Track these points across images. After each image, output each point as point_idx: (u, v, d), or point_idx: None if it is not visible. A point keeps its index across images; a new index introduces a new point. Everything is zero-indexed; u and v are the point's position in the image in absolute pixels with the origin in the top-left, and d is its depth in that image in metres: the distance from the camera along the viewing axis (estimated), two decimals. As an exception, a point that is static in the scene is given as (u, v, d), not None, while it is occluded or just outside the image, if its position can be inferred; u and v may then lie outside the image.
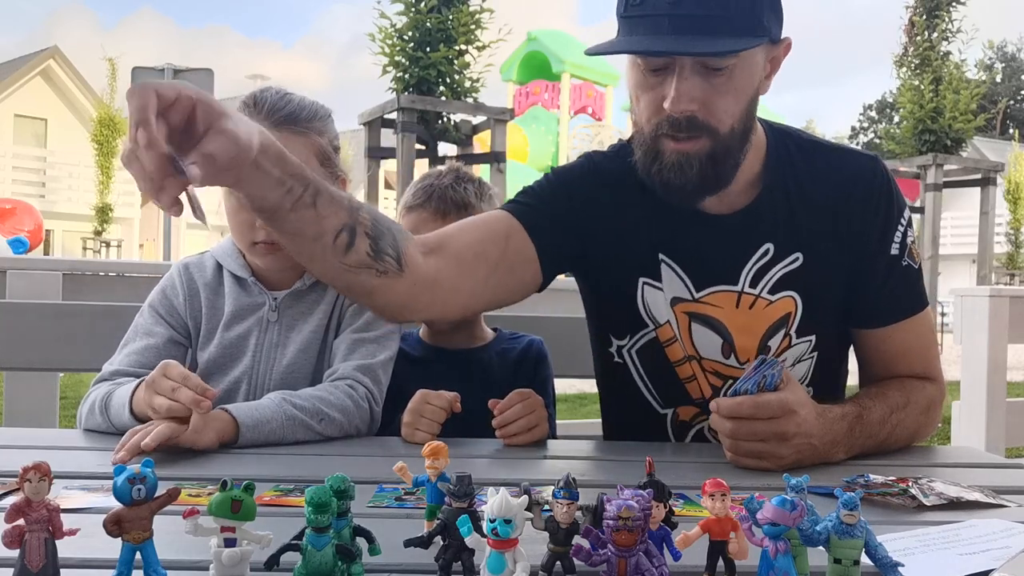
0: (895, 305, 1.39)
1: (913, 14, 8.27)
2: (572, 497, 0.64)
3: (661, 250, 1.37)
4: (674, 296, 1.37)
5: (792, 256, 1.35)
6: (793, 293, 1.35)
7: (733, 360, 1.37)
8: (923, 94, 8.00)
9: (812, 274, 1.35)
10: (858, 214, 1.35)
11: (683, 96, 1.21)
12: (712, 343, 1.37)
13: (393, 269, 1.20)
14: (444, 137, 5.96)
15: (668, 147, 1.26)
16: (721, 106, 1.23)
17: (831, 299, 1.37)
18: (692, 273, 1.36)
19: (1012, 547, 0.82)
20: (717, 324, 1.36)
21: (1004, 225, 19.30)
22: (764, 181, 1.36)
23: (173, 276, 1.55)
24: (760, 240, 1.35)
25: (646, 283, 1.39)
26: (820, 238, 1.35)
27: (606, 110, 14.53)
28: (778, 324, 1.36)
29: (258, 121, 1.38)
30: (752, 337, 1.36)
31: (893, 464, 1.24)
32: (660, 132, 1.26)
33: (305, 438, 1.32)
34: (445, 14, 5.86)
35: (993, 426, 3.44)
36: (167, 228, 7.46)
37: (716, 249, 1.35)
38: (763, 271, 1.35)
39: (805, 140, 1.42)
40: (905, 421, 1.33)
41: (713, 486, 0.67)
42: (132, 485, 0.63)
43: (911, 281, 1.39)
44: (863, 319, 1.41)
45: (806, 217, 1.35)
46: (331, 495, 0.63)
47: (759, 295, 1.35)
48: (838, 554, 0.65)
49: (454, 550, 0.68)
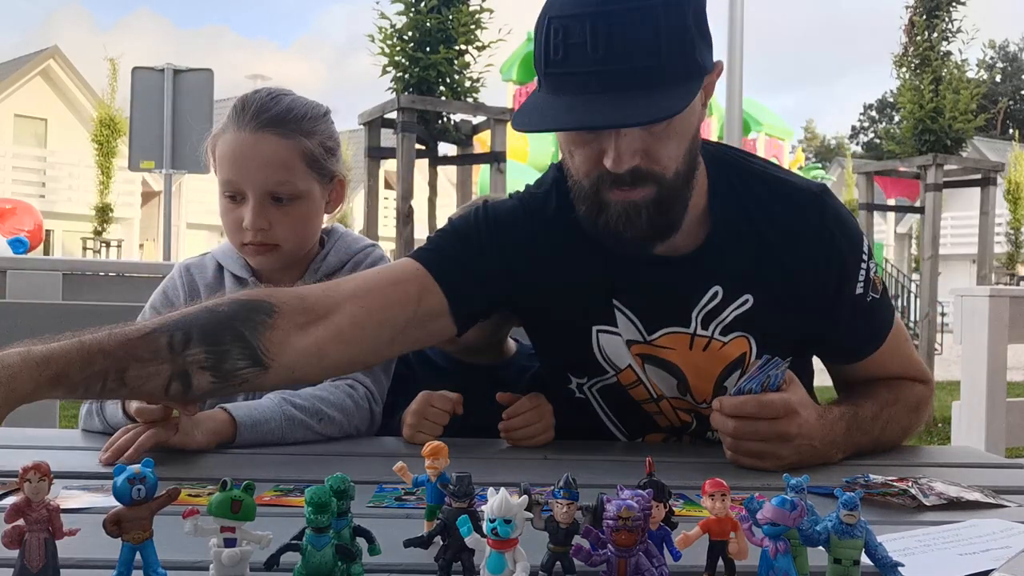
0: (865, 342, 1.36)
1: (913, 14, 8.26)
2: (572, 497, 0.64)
3: (614, 296, 1.31)
4: (628, 338, 1.32)
5: (742, 298, 1.28)
6: (746, 334, 1.30)
7: (690, 398, 1.34)
8: (923, 94, 7.99)
9: (763, 315, 1.29)
10: (808, 256, 1.28)
11: (624, 154, 1.13)
12: (668, 383, 1.34)
13: (251, 375, 1.16)
14: (444, 137, 5.96)
15: (613, 197, 1.18)
16: (664, 153, 1.16)
17: (786, 337, 1.32)
18: (642, 316, 1.31)
19: (1012, 547, 0.82)
20: (670, 366, 1.32)
21: (1004, 225, 19.30)
22: (711, 220, 1.29)
23: (174, 277, 1.55)
24: (708, 283, 1.28)
25: (600, 330, 1.33)
26: (770, 277, 1.28)
27: (606, 110, 14.51)
28: (733, 365, 1.31)
29: (242, 124, 1.42)
30: (706, 379, 1.32)
31: (893, 464, 1.24)
32: (602, 185, 1.18)
33: (305, 438, 1.32)
34: (445, 14, 5.85)
35: (993, 426, 3.44)
36: (167, 228, 7.45)
37: (665, 291, 1.29)
38: (713, 313, 1.29)
39: (745, 170, 1.32)
40: (896, 417, 1.34)
41: (713, 486, 0.67)
42: (132, 485, 0.63)
43: (878, 313, 1.35)
44: (832, 357, 1.40)
45: (754, 257, 1.28)
46: (331, 495, 0.63)
47: (712, 337, 1.30)
48: (838, 554, 0.65)
49: (454, 550, 0.68)
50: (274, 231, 1.44)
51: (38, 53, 22.10)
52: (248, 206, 1.43)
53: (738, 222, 1.29)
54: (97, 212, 18.96)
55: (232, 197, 1.45)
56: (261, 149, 1.42)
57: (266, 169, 1.43)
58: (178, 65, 6.92)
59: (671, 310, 1.30)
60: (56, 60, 21.83)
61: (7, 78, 21.16)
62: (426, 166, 6.20)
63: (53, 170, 21.50)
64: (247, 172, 1.43)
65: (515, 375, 1.58)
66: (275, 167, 1.43)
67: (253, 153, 1.43)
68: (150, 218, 21.79)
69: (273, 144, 1.43)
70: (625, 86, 1.09)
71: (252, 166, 1.43)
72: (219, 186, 1.47)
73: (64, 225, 21.19)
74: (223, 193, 1.46)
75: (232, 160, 1.44)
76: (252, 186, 1.43)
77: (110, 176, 18.88)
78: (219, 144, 1.46)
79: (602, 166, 1.16)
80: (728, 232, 1.29)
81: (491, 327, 1.44)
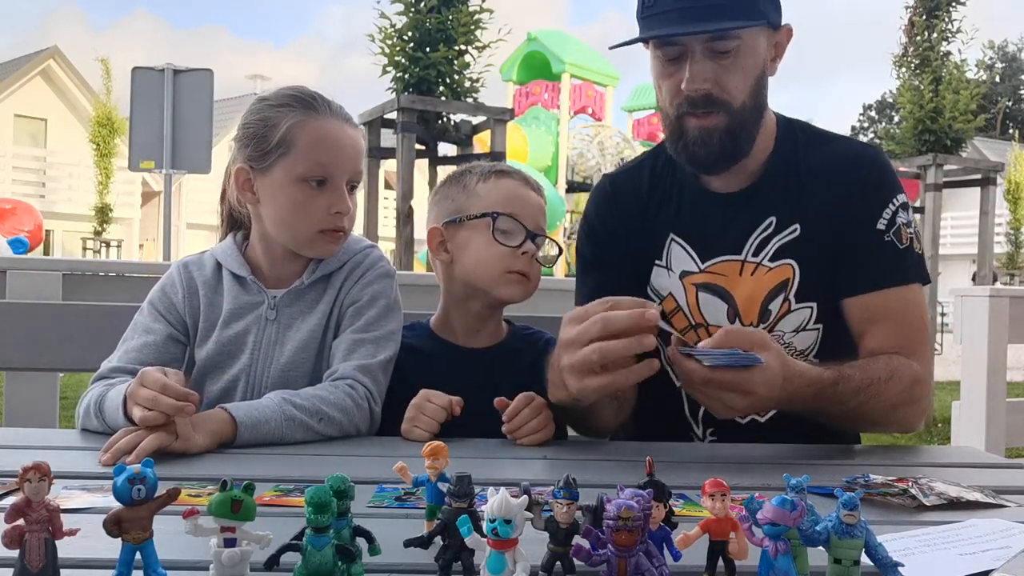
0: (874, 274, 1.44)
1: (913, 14, 8.27)
2: (572, 497, 0.64)
3: (672, 230, 1.53)
4: (683, 270, 1.51)
5: (791, 227, 1.47)
6: (791, 261, 1.46)
7: (737, 325, 1.46)
8: (923, 94, 8.00)
9: (808, 244, 1.45)
10: (853, 193, 1.45)
11: (697, 76, 1.39)
12: (718, 309, 1.48)
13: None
14: (444, 137, 5.96)
15: (691, 124, 1.42)
16: (731, 83, 1.40)
17: (825, 268, 1.45)
18: (698, 247, 1.51)
19: (1012, 547, 0.82)
20: (722, 291, 1.48)
21: (1004, 225, 19.30)
22: (770, 162, 1.50)
23: (173, 274, 1.55)
24: (764, 214, 1.48)
25: (657, 265, 1.54)
26: (817, 211, 1.46)
27: (606, 110, 14.51)
28: (777, 289, 1.46)
29: (326, 114, 1.47)
30: (754, 301, 1.47)
31: (893, 464, 1.24)
32: (682, 112, 1.42)
33: (304, 438, 1.32)
34: (445, 14, 5.86)
35: (993, 426, 3.44)
36: (167, 228, 7.45)
37: (723, 224, 1.49)
38: (765, 242, 1.47)
39: (812, 131, 1.56)
40: (884, 394, 1.34)
41: (713, 486, 0.67)
42: (132, 485, 0.63)
43: (893, 255, 1.45)
44: (844, 286, 1.46)
45: (805, 192, 1.47)
46: (331, 495, 0.63)
47: (760, 263, 1.47)
48: (838, 554, 0.65)
49: (454, 550, 0.68)
50: (350, 217, 1.50)
51: (38, 53, 22.10)
52: (335, 192, 1.46)
53: (794, 164, 1.50)
54: (97, 212, 18.97)
55: (319, 183, 1.44)
56: (352, 137, 1.50)
57: (356, 157, 1.50)
58: (178, 65, 6.91)
59: (727, 239, 1.49)
60: (56, 60, 21.84)
61: (7, 78, 21.17)
62: (426, 166, 6.21)
63: (53, 170, 21.50)
64: (341, 157, 1.46)
65: (507, 356, 1.57)
66: (360, 156, 1.52)
67: (348, 140, 1.48)
68: (150, 218, 21.78)
69: (354, 133, 1.51)
70: (698, 17, 1.36)
71: (346, 153, 1.47)
72: (300, 172, 1.43)
73: (64, 225, 21.19)
74: (307, 179, 1.44)
75: (328, 145, 1.45)
76: (342, 172, 1.46)
77: (109, 176, 18.89)
78: (306, 131, 1.44)
79: (682, 93, 1.41)
80: (784, 171, 1.50)
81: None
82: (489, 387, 1.38)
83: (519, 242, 1.51)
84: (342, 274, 1.52)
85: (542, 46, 13.89)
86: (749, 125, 1.45)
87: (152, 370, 1.23)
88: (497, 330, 1.61)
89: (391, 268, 1.58)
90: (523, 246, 1.51)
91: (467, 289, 1.55)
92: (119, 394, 1.29)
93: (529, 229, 1.52)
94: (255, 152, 1.46)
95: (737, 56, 1.39)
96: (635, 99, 16.17)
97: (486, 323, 1.58)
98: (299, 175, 1.44)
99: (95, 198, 19.08)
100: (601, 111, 14.49)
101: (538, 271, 1.55)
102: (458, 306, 1.58)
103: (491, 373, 1.51)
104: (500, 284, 1.51)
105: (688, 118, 1.42)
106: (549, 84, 13.99)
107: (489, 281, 1.52)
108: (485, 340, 1.59)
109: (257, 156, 1.46)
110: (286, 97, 1.47)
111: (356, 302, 1.50)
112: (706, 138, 1.42)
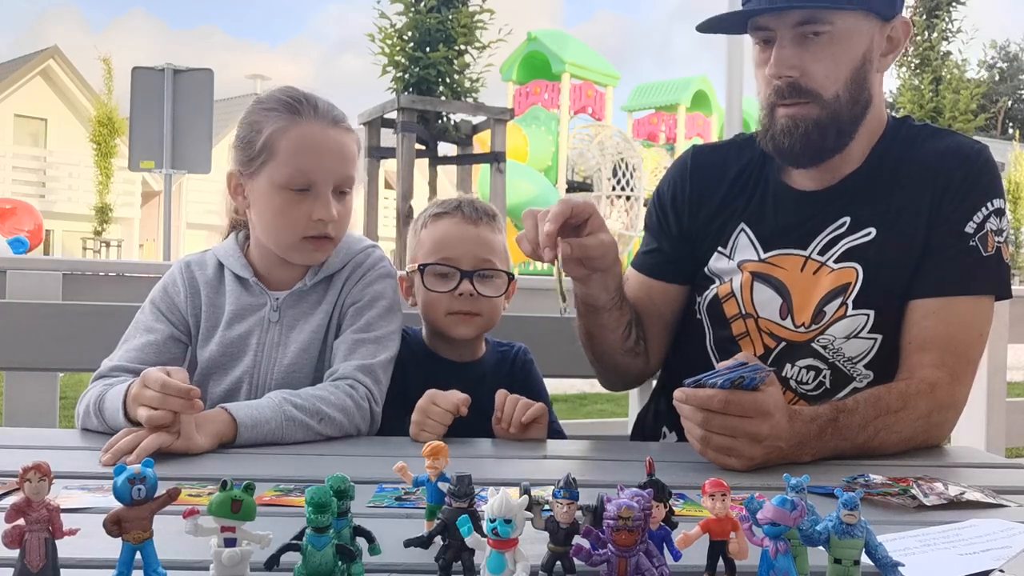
0: (942, 279, 1.36)
1: (913, 14, 8.28)
2: (572, 497, 0.64)
3: (744, 220, 1.49)
4: (742, 259, 1.48)
5: (866, 231, 1.40)
6: (856, 264, 1.39)
7: (789, 322, 1.42)
8: (923, 94, 8.02)
9: (882, 248, 1.39)
10: (950, 187, 1.38)
11: (782, 62, 1.35)
12: (771, 302, 1.43)
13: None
14: (444, 137, 5.97)
15: (779, 113, 1.39)
16: (820, 71, 1.34)
17: (899, 275, 1.38)
18: (763, 238, 1.47)
19: (1012, 547, 0.82)
20: (778, 284, 1.43)
21: (1004, 225, 19.29)
22: (864, 163, 1.44)
23: (175, 273, 1.54)
24: (840, 213, 1.42)
25: (719, 251, 1.51)
26: (904, 211, 1.39)
27: (606, 110, 14.52)
28: (836, 291, 1.40)
29: (312, 118, 1.44)
30: (810, 301, 1.41)
31: (893, 464, 1.24)
32: (772, 101, 1.39)
33: (305, 438, 1.32)
34: (445, 14, 5.86)
35: (993, 426, 3.44)
36: (167, 228, 7.45)
37: (795, 219, 1.45)
38: (834, 241, 1.41)
39: (921, 125, 1.50)
40: (895, 426, 1.29)
41: (713, 486, 0.67)
42: (132, 485, 0.63)
43: (971, 262, 1.36)
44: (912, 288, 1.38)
45: (892, 194, 1.41)
46: (331, 495, 0.63)
47: (824, 263, 1.41)
48: (838, 554, 0.65)
49: (454, 550, 0.68)
50: (338, 223, 1.46)
51: (38, 53, 22.11)
52: (319, 199, 1.43)
53: (890, 162, 1.43)
54: (97, 212, 18.97)
55: (302, 190, 1.43)
56: (338, 141, 1.45)
57: (342, 162, 1.46)
58: (178, 65, 6.92)
59: (795, 234, 1.44)
60: (56, 60, 21.84)
61: (7, 78, 21.18)
62: (426, 166, 6.21)
63: (53, 170, 21.51)
64: (324, 163, 1.43)
65: (488, 370, 1.59)
66: (347, 160, 1.47)
67: (332, 145, 1.45)
68: (150, 218, 21.78)
69: (343, 137, 1.47)
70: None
71: (330, 158, 1.44)
72: (282, 179, 1.42)
73: (64, 225, 21.20)
74: (290, 186, 1.42)
75: (309, 151, 1.42)
76: (327, 178, 1.43)
77: (109, 176, 18.89)
78: (287, 137, 1.42)
79: (772, 83, 1.37)
80: (876, 171, 1.43)
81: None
82: (475, 398, 1.37)
83: (453, 285, 1.52)
84: (343, 274, 1.52)
85: (542, 46, 13.91)
86: (844, 120, 1.38)
87: (154, 370, 1.23)
88: (479, 345, 1.63)
89: (392, 268, 1.58)
90: (459, 287, 1.51)
91: (431, 328, 1.59)
92: (119, 394, 1.29)
93: (464, 270, 1.52)
94: (243, 157, 1.46)
95: (829, 42, 1.33)
96: (635, 99, 16.17)
97: (468, 346, 1.59)
98: (280, 182, 1.42)
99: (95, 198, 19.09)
100: (601, 111, 14.50)
101: (488, 304, 1.54)
102: (435, 338, 1.61)
103: (477, 384, 1.50)
104: (448, 326, 1.54)
105: (778, 108, 1.39)
106: (549, 84, 14.00)
107: (439, 323, 1.55)
108: (473, 354, 1.61)
109: (245, 161, 1.46)
110: (273, 100, 1.46)
111: (357, 302, 1.50)
112: (792, 128, 1.37)
